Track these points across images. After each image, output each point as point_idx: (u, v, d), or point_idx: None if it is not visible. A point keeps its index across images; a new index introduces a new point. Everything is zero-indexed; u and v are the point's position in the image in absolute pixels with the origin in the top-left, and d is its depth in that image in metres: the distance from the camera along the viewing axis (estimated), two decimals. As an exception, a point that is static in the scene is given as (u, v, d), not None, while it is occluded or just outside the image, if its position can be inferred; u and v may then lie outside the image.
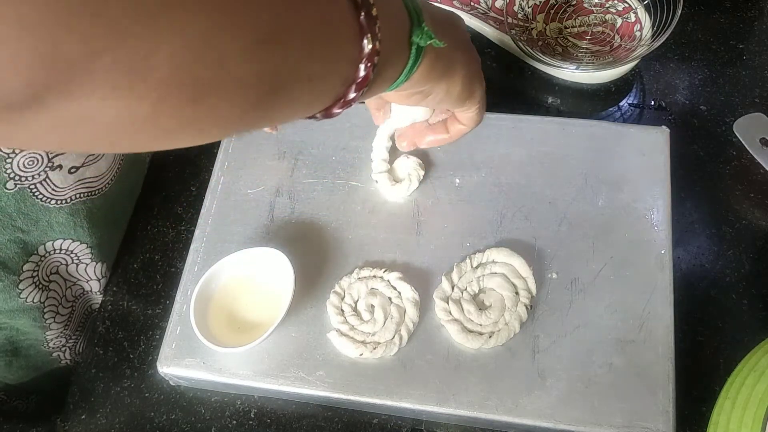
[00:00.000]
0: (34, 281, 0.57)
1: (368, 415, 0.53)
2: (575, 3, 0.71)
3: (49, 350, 0.62)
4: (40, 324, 0.59)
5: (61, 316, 0.61)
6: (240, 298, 0.55)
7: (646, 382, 0.49)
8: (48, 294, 0.59)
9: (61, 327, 0.61)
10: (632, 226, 0.56)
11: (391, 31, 0.37)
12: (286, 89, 0.32)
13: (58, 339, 0.62)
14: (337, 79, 0.35)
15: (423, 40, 0.39)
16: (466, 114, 0.52)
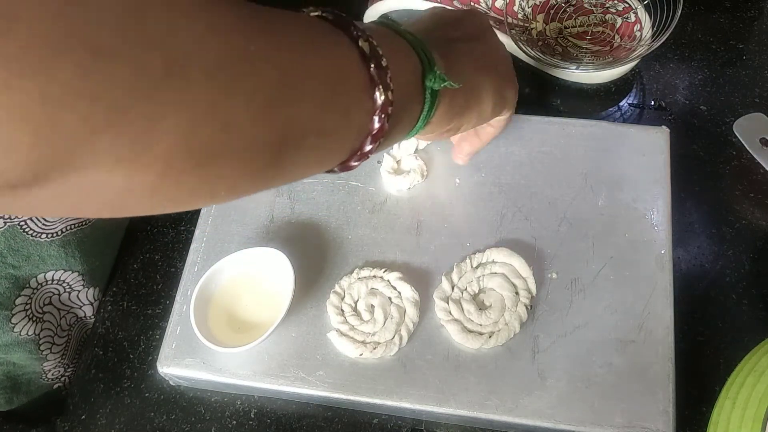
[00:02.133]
0: (27, 314, 0.56)
1: (368, 415, 0.53)
2: (575, 3, 0.71)
3: (50, 382, 0.62)
4: (37, 356, 0.58)
5: (57, 346, 0.61)
6: (240, 298, 0.55)
7: (646, 382, 0.49)
8: (43, 326, 0.58)
9: (58, 357, 0.61)
10: (632, 226, 0.56)
11: (404, 79, 0.36)
12: (298, 147, 0.31)
13: (56, 369, 0.62)
14: (351, 133, 0.34)
15: (437, 84, 0.38)
16: (498, 118, 0.51)
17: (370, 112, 0.34)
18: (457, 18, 0.47)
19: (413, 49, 0.38)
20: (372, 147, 0.36)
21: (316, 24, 0.34)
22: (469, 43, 0.45)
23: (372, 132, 0.35)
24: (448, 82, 0.39)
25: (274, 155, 0.30)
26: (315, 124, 0.31)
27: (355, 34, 0.33)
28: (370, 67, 0.33)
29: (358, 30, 0.34)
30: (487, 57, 0.46)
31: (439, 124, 0.42)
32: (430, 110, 0.39)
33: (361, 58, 0.33)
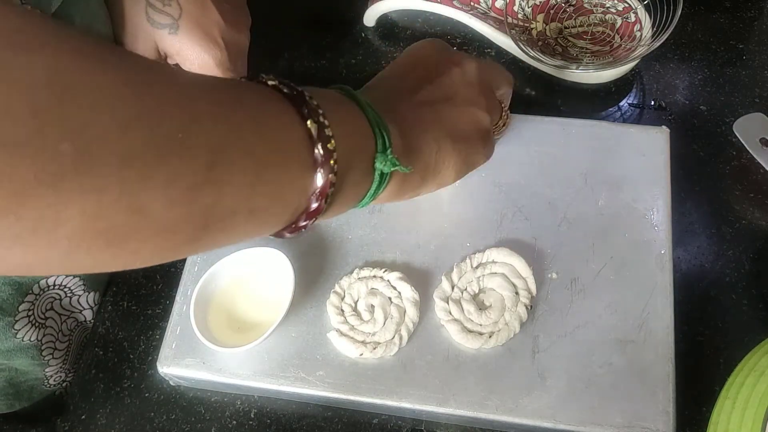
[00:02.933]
0: (30, 320, 0.56)
1: (368, 415, 0.53)
2: (575, 3, 0.71)
3: (52, 389, 0.62)
4: (39, 361, 0.58)
5: (59, 351, 0.61)
6: (240, 298, 0.55)
7: (646, 382, 0.49)
8: (45, 331, 0.58)
9: (60, 362, 0.61)
10: (632, 226, 0.56)
11: (352, 159, 0.35)
12: (223, 226, 0.30)
13: (58, 375, 0.62)
14: (286, 212, 0.33)
15: (387, 167, 0.36)
16: None
17: (308, 193, 0.33)
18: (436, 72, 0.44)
19: (370, 125, 0.37)
20: (308, 223, 0.34)
21: (265, 99, 0.32)
22: (439, 106, 0.43)
23: (309, 210, 0.34)
24: (399, 167, 0.37)
25: (194, 235, 0.28)
26: (244, 204, 0.30)
27: (306, 113, 0.32)
28: (315, 149, 0.32)
29: (310, 108, 0.32)
30: (457, 123, 0.43)
31: (392, 197, 0.41)
32: (377, 190, 0.38)
33: (307, 138, 0.32)
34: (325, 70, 0.73)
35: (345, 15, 0.76)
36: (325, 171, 0.32)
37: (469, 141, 0.44)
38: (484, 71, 0.46)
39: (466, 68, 0.45)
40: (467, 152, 0.44)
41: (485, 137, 0.45)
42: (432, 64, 0.44)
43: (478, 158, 0.46)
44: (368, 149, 0.36)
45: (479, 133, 0.44)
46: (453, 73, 0.44)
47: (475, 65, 0.45)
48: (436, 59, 0.45)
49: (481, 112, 0.44)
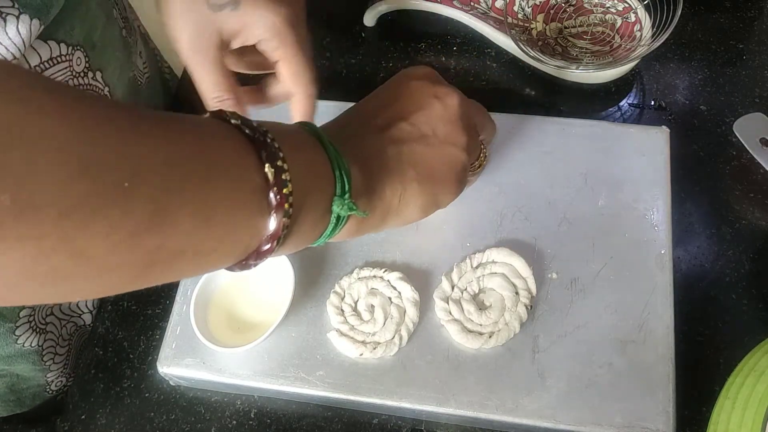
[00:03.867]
0: (31, 326, 0.56)
1: (368, 415, 0.53)
2: (575, 3, 0.71)
3: (53, 394, 0.62)
4: (40, 367, 0.58)
5: (59, 356, 0.61)
6: (240, 298, 0.55)
7: (646, 382, 0.49)
8: (46, 336, 0.58)
9: (61, 367, 0.61)
10: (632, 226, 0.56)
11: (308, 200, 0.34)
12: (168, 267, 0.30)
13: (59, 380, 0.62)
14: (234, 251, 0.33)
15: (343, 211, 0.36)
16: None
17: (260, 236, 0.33)
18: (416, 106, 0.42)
19: (331, 166, 0.36)
20: (257, 262, 0.34)
21: (224, 141, 0.32)
22: (413, 146, 0.41)
23: (259, 251, 0.33)
24: (357, 211, 0.36)
25: (138, 274, 0.28)
26: (191, 247, 0.30)
27: (264, 157, 0.32)
28: (270, 194, 0.32)
29: (269, 152, 0.32)
30: (430, 163, 0.42)
31: (350, 235, 0.40)
32: (334, 231, 0.37)
33: (264, 183, 0.32)
34: (325, 70, 0.73)
35: (345, 15, 0.76)
36: (278, 215, 0.32)
37: (440, 181, 0.42)
38: (468, 108, 0.45)
39: (448, 103, 0.43)
40: (436, 193, 0.42)
41: (460, 177, 0.44)
42: (412, 99, 0.43)
43: (448, 198, 0.44)
44: (326, 192, 0.36)
45: (453, 173, 0.43)
46: (433, 109, 0.43)
47: (459, 100, 0.44)
48: (418, 92, 0.43)
49: (459, 151, 0.43)
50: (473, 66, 0.71)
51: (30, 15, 0.44)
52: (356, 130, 0.41)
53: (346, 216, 0.37)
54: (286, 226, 0.33)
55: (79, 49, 0.52)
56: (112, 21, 0.57)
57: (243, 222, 0.31)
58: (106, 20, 0.55)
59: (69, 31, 0.50)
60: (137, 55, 0.65)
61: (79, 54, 0.52)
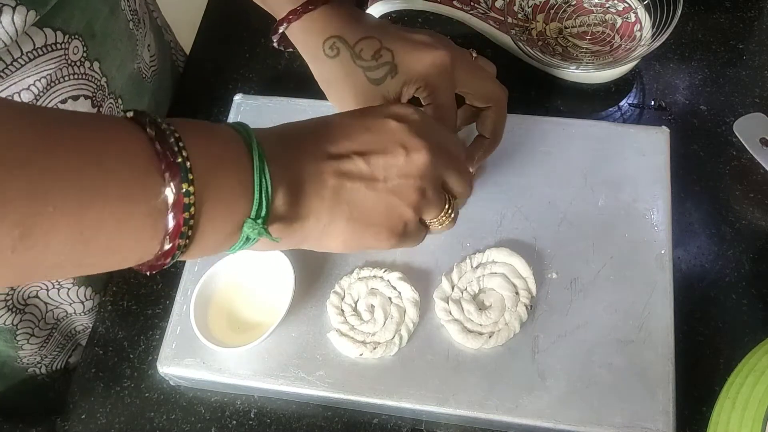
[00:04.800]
0: (7, 305, 0.56)
1: (368, 415, 0.53)
2: (575, 3, 0.71)
3: (24, 366, 0.62)
4: (12, 345, 0.58)
5: (36, 338, 0.60)
6: (240, 297, 0.55)
7: (646, 382, 0.49)
8: (23, 317, 0.58)
9: (36, 348, 0.61)
10: (632, 226, 0.56)
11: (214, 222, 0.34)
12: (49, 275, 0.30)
13: (32, 357, 0.62)
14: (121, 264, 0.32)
15: (253, 234, 0.35)
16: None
17: (153, 252, 0.32)
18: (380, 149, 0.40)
19: (253, 186, 0.35)
20: (152, 271, 0.34)
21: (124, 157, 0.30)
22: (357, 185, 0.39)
23: (153, 264, 0.33)
24: (268, 235, 0.36)
25: (17, 282, 0.29)
26: (69, 262, 0.29)
27: (167, 178, 0.30)
28: (168, 216, 0.31)
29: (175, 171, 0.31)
30: (367, 209, 0.40)
31: (263, 249, 0.39)
32: (242, 247, 0.37)
33: (162, 204, 0.31)
34: (325, 70, 0.73)
35: (345, 15, 0.76)
36: (172, 237, 0.31)
37: (372, 228, 0.41)
38: (437, 170, 0.42)
39: (413, 158, 0.41)
40: (364, 236, 0.41)
41: (397, 231, 0.42)
42: (379, 139, 0.41)
43: (377, 245, 0.42)
44: (240, 212, 0.35)
45: (389, 225, 0.41)
46: (396, 158, 0.40)
47: (427, 159, 0.41)
48: (389, 135, 0.41)
49: (405, 208, 0.41)
50: (473, 66, 0.71)
51: (27, 6, 0.44)
52: (305, 148, 0.39)
53: (256, 238, 0.36)
54: (184, 245, 0.32)
55: (77, 38, 0.51)
56: (117, 12, 0.57)
57: (132, 243, 0.31)
58: (110, 11, 0.55)
59: (67, 20, 0.50)
60: (144, 48, 0.65)
61: (76, 43, 0.51)
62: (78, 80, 0.53)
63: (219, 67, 0.74)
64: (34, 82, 0.49)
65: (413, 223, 0.43)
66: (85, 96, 0.54)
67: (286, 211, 0.37)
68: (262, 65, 0.74)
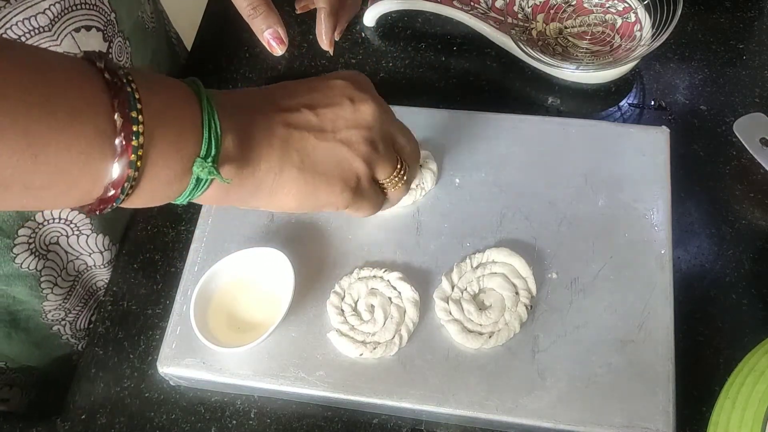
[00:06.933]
0: (30, 248, 0.57)
1: (368, 415, 0.53)
2: (575, 3, 0.71)
3: (48, 323, 0.62)
4: (37, 293, 0.59)
5: (60, 288, 0.61)
6: (240, 298, 0.55)
7: (646, 382, 0.49)
8: (45, 263, 0.58)
9: (60, 299, 0.61)
10: (632, 226, 0.56)
11: (164, 156, 0.34)
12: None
13: (56, 311, 0.62)
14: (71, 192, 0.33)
15: (203, 174, 0.36)
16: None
17: (102, 181, 0.33)
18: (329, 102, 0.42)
19: (202, 126, 0.36)
20: (103, 208, 0.34)
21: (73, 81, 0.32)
22: (306, 134, 0.41)
23: (104, 197, 0.33)
24: (218, 176, 0.36)
25: None
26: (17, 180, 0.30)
27: (115, 105, 0.32)
28: (116, 140, 0.32)
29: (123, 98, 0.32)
30: (318, 157, 0.41)
31: (217, 201, 0.40)
32: (194, 191, 0.37)
33: (112, 129, 0.32)
34: (325, 70, 0.73)
35: (345, 15, 0.76)
36: (122, 164, 0.32)
37: (323, 178, 0.42)
38: (385, 123, 0.44)
39: (360, 108, 0.43)
40: (318, 189, 0.42)
41: (349, 182, 0.43)
42: (326, 94, 0.43)
43: (334, 199, 0.43)
44: (189, 151, 0.35)
45: (340, 174, 0.42)
46: (343, 109, 0.42)
47: (373, 110, 0.43)
48: (335, 90, 0.43)
49: (356, 159, 0.42)
50: (473, 66, 0.71)
51: None
52: (255, 104, 0.40)
53: (207, 180, 0.37)
54: (133, 177, 0.33)
55: None
56: None
57: (81, 164, 0.32)
58: None
59: None
60: (146, 1, 0.67)
61: None
62: (90, 10, 0.54)
63: (219, 67, 0.74)
64: (50, 6, 0.50)
65: (366, 179, 0.44)
66: (97, 28, 0.55)
67: (236, 154, 0.38)
68: (262, 65, 0.74)
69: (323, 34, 0.57)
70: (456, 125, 0.62)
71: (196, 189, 0.37)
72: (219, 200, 0.40)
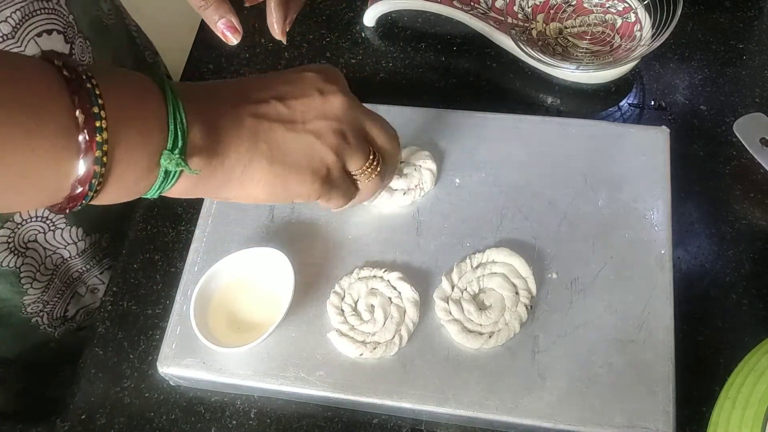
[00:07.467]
0: (9, 247, 0.58)
1: (368, 415, 0.53)
2: (575, 3, 0.71)
3: (28, 316, 0.64)
4: (17, 289, 0.60)
5: (38, 282, 0.63)
6: (240, 298, 0.55)
7: (646, 382, 0.49)
8: (24, 260, 0.60)
9: (39, 293, 0.63)
10: (632, 226, 0.56)
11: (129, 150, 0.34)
12: None
13: (35, 304, 0.64)
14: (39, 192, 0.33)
15: (171, 166, 0.36)
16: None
17: (69, 179, 0.32)
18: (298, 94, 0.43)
19: (167, 117, 0.36)
20: (72, 206, 0.34)
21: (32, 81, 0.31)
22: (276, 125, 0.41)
23: (72, 195, 0.33)
24: (186, 167, 0.36)
25: None
26: None
27: (76, 102, 0.31)
28: (79, 137, 0.31)
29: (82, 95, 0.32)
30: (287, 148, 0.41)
31: (187, 194, 0.40)
32: (163, 185, 0.37)
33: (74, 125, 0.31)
34: (325, 70, 0.73)
35: (345, 15, 0.76)
36: (87, 161, 0.32)
37: (293, 168, 0.42)
38: (355, 114, 0.44)
39: (329, 99, 0.43)
40: (287, 180, 0.42)
41: (319, 173, 0.43)
42: (296, 86, 0.43)
43: (304, 189, 0.43)
44: (155, 145, 0.35)
45: (310, 165, 0.42)
46: (312, 101, 0.42)
47: (342, 102, 0.43)
48: (305, 82, 0.43)
49: (326, 150, 0.42)
50: (473, 66, 0.71)
51: None
52: (222, 96, 0.40)
53: (176, 172, 0.37)
54: (100, 174, 0.33)
55: None
56: None
57: (45, 163, 0.31)
58: None
59: None
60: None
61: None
62: (49, 14, 0.55)
63: (219, 67, 0.74)
64: (11, 14, 0.51)
65: (337, 170, 0.44)
66: (58, 31, 0.56)
67: (204, 145, 0.37)
68: (262, 65, 0.74)
69: (274, 23, 0.56)
70: (456, 125, 0.62)
71: (165, 182, 0.37)
72: (189, 192, 0.39)
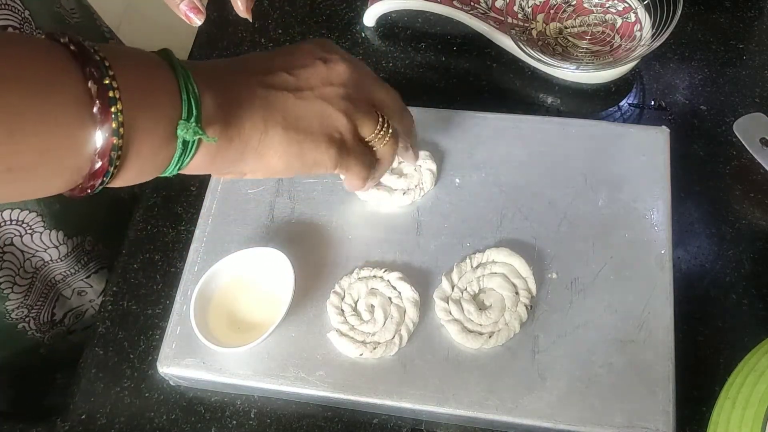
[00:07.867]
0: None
1: (368, 415, 0.53)
2: (575, 3, 0.71)
3: (13, 322, 0.64)
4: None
5: (19, 287, 0.62)
6: (240, 298, 0.55)
7: (646, 382, 0.49)
8: (2, 264, 0.60)
9: (21, 297, 0.63)
10: (632, 226, 0.56)
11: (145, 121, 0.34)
12: None
13: (19, 310, 0.64)
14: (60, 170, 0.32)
15: (188, 135, 0.36)
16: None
17: (88, 153, 0.32)
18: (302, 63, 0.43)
19: (179, 89, 0.36)
20: (94, 184, 0.34)
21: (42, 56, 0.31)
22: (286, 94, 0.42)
23: (92, 171, 0.33)
24: (204, 135, 0.36)
25: None
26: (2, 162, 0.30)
27: (87, 73, 0.31)
28: (93, 108, 0.31)
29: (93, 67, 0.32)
30: (299, 115, 0.42)
31: (206, 169, 0.40)
32: (182, 158, 0.37)
33: (88, 97, 0.31)
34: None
35: (345, 15, 0.76)
36: (105, 131, 0.32)
37: (307, 134, 0.42)
38: (360, 79, 0.45)
39: (333, 67, 0.44)
40: (304, 147, 0.42)
41: (333, 137, 0.43)
42: (299, 57, 0.44)
43: (320, 156, 0.43)
44: (170, 115, 0.35)
45: (324, 130, 0.43)
46: (316, 69, 0.43)
47: (346, 68, 0.44)
48: (307, 53, 0.44)
49: (335, 112, 0.43)
50: (473, 66, 0.71)
51: None
52: (232, 70, 0.41)
53: (194, 143, 0.36)
54: (118, 146, 0.32)
55: None
56: None
57: (62, 137, 0.31)
58: None
59: None
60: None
61: None
62: (2, 10, 0.54)
63: (219, 67, 0.74)
64: None
65: (350, 134, 0.44)
66: (13, 27, 0.55)
67: (218, 114, 0.38)
68: (262, 65, 0.74)
69: (239, 2, 0.56)
70: (456, 125, 0.62)
71: (184, 155, 0.37)
72: (208, 167, 0.39)
